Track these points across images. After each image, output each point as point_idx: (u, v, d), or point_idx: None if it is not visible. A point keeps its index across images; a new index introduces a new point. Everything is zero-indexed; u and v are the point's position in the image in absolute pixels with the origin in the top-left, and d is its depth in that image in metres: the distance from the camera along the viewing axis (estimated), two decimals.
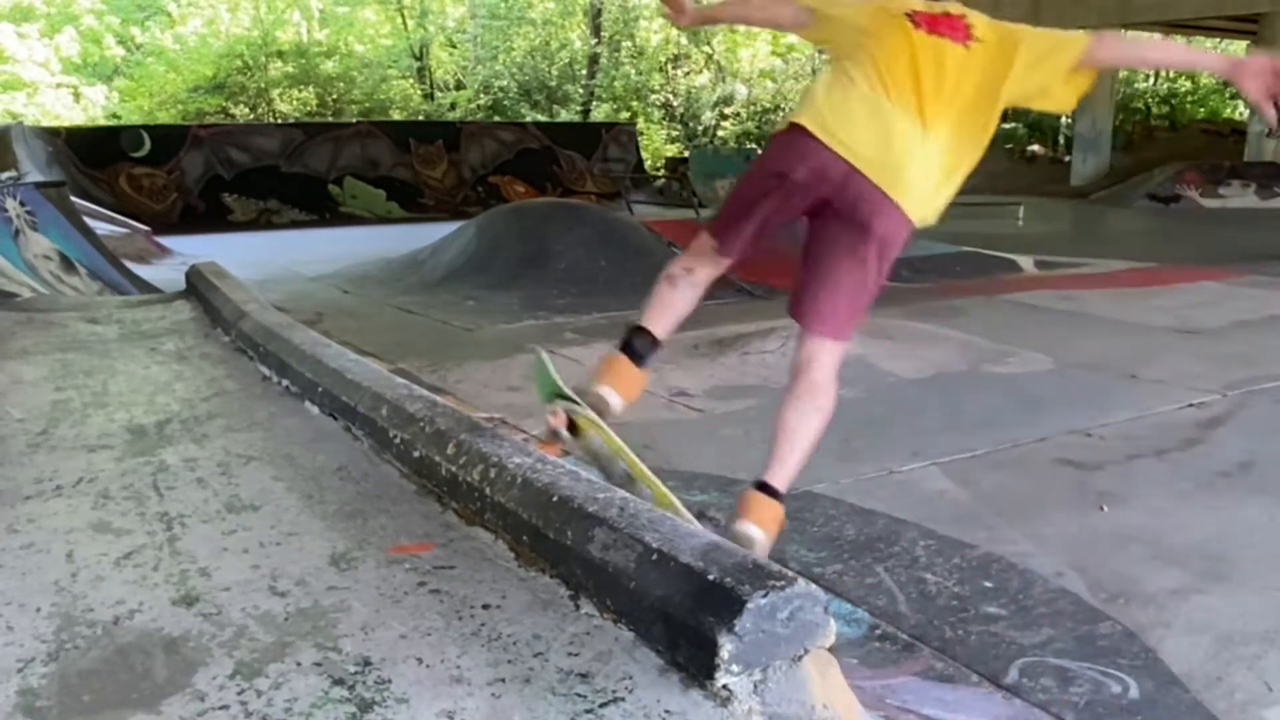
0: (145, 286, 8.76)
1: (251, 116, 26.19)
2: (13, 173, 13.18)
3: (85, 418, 3.75)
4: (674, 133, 31.87)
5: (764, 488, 2.63)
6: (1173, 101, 31.98)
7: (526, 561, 2.35)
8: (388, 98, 28.70)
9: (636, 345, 2.74)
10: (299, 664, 1.93)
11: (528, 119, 26.15)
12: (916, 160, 2.45)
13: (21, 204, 8.42)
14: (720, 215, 2.73)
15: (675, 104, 32.38)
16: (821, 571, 3.07)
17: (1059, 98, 2.59)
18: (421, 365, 5.88)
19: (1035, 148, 27.28)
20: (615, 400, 2.67)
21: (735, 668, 1.75)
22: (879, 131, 2.42)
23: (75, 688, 1.87)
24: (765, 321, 6.76)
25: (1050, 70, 2.54)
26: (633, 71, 30.96)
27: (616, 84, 30.44)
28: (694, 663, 1.81)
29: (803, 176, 2.46)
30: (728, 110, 32.85)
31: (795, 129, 2.49)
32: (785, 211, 2.56)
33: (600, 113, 29.58)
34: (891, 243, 2.51)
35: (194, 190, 18.17)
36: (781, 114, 33.50)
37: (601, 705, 1.76)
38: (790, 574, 1.87)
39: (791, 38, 34.87)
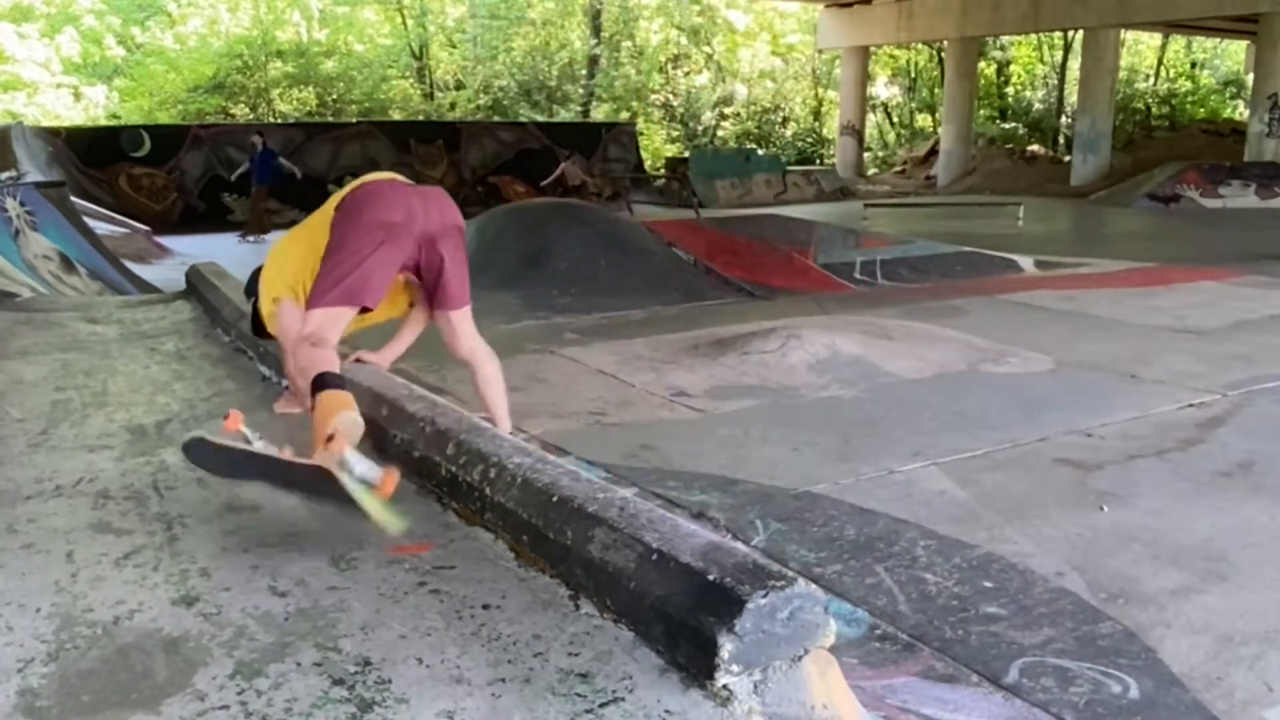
0: (145, 286, 8.77)
1: (251, 116, 26.19)
2: (13, 173, 13.18)
3: (85, 418, 3.75)
4: (674, 133, 31.88)
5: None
6: (1173, 101, 32.01)
7: (526, 561, 2.35)
8: (388, 98, 28.71)
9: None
10: (299, 664, 1.93)
11: (527, 119, 26.14)
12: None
13: (21, 204, 8.43)
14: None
15: (675, 104, 32.38)
16: (821, 571, 3.07)
17: None
18: (421, 365, 5.87)
19: (1035, 148, 27.30)
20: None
21: (735, 668, 1.75)
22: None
23: (75, 688, 1.87)
24: (765, 321, 6.76)
25: None
26: (633, 71, 30.97)
27: (616, 84, 30.44)
28: (694, 663, 1.81)
29: None
30: (728, 110, 32.87)
31: None
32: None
33: (600, 113, 29.59)
34: None
35: (194, 190, 18.18)
36: (781, 114, 33.57)
37: (601, 705, 1.76)
38: (790, 574, 1.87)
39: (792, 38, 34.61)
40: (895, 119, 35.00)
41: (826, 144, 31.90)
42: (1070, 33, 28.16)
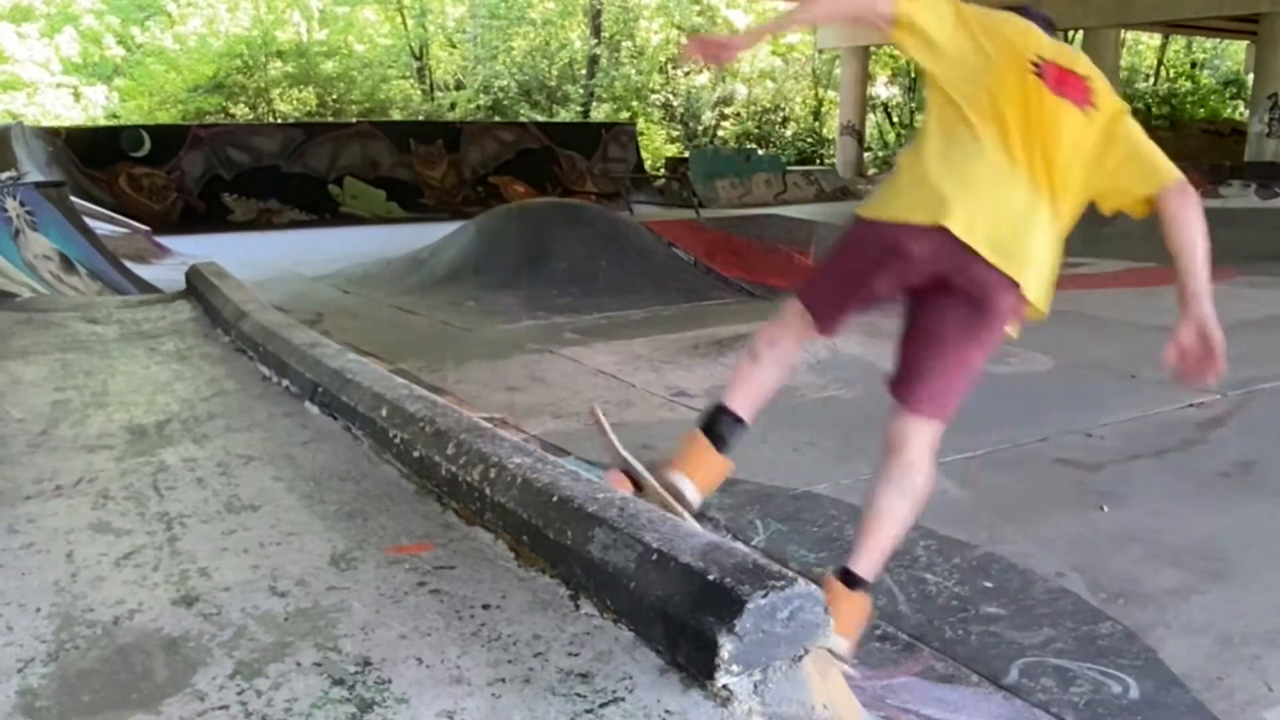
0: (145, 286, 8.76)
1: (251, 116, 26.19)
2: (13, 173, 13.17)
3: (85, 418, 3.74)
4: (674, 133, 31.88)
5: (847, 575, 2.37)
6: (1173, 101, 32.01)
7: (526, 561, 2.35)
8: (388, 98, 28.72)
9: (719, 428, 2.48)
10: (299, 664, 1.93)
11: (527, 119, 26.13)
12: (1040, 239, 2.27)
13: (21, 204, 8.42)
14: (818, 287, 2.49)
15: (675, 104, 32.37)
16: (821, 571, 3.07)
17: (1105, 202, 2.46)
18: (421, 365, 5.88)
19: None
20: (692, 492, 2.40)
21: (735, 668, 1.75)
22: (1004, 207, 2.19)
23: (75, 688, 1.87)
24: (765, 321, 6.75)
25: (1125, 181, 2.39)
26: (633, 71, 30.95)
27: (616, 84, 30.43)
28: (694, 663, 1.81)
29: (923, 252, 2.18)
30: (728, 110, 32.85)
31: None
32: (899, 287, 2.30)
33: (600, 113, 29.58)
34: (1005, 320, 2.37)
35: (194, 190, 18.16)
36: (781, 114, 33.52)
37: (601, 705, 1.76)
38: (790, 574, 1.86)
39: (792, 37, 34.33)
40: (895, 119, 34.97)
41: (826, 144, 31.87)
42: (1070, 33, 28.17)
